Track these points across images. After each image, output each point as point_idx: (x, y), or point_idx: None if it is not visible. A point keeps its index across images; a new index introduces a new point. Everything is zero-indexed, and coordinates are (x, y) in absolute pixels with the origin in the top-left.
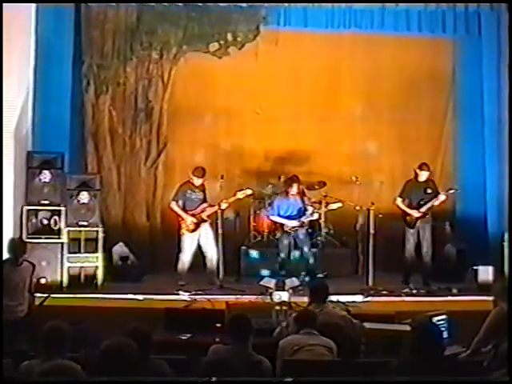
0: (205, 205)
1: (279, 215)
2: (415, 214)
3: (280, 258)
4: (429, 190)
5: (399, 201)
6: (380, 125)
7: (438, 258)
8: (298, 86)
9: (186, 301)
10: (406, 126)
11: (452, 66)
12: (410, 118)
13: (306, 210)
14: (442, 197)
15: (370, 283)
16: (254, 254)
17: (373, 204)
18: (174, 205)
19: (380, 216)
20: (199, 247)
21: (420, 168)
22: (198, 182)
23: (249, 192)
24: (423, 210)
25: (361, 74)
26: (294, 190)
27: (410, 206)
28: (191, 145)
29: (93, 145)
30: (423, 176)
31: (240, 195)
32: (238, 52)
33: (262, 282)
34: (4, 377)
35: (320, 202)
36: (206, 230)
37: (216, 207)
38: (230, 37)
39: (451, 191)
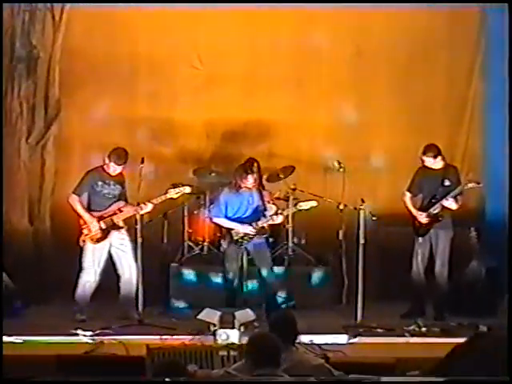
0: (121, 203)
1: (227, 217)
2: (422, 218)
3: (227, 280)
4: (447, 182)
5: (408, 197)
6: (375, 86)
7: (459, 280)
8: (255, 27)
9: (87, 344)
10: (414, 89)
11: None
12: (419, 77)
13: (265, 209)
14: (451, 204)
15: (359, 317)
16: (189, 275)
17: (363, 202)
18: (74, 200)
19: (374, 219)
20: (112, 264)
21: (424, 153)
22: (115, 170)
23: (187, 190)
24: (432, 211)
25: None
26: (250, 181)
27: (422, 206)
28: (97, 113)
29: None
30: (432, 163)
31: (173, 194)
32: None
33: (200, 316)
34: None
35: (287, 199)
36: (120, 240)
37: (136, 208)
38: None
39: (470, 185)
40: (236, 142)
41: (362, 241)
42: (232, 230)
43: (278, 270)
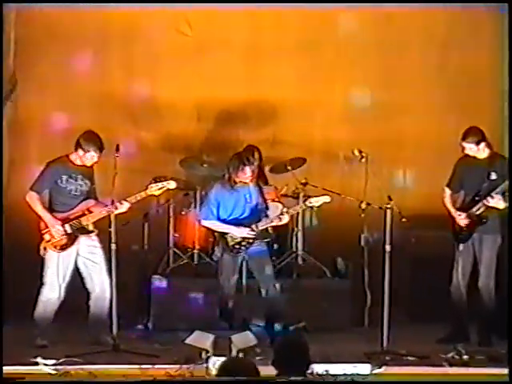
0: (90, 202)
1: (220, 219)
2: (461, 219)
3: (222, 296)
4: (493, 175)
5: (448, 194)
6: (405, 57)
7: (509, 296)
8: None
9: (49, 375)
10: (453, 63)
11: None
12: (459, 48)
13: (267, 208)
14: (498, 202)
15: (386, 342)
16: (175, 289)
17: (391, 199)
18: (33, 198)
19: (403, 221)
20: (80, 277)
21: (463, 138)
22: (88, 160)
23: (172, 185)
24: (475, 212)
25: None
26: (248, 173)
27: (463, 204)
28: (62, 89)
29: None
30: (475, 151)
31: (155, 190)
32: None
33: (189, 340)
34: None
35: (296, 196)
36: (90, 248)
37: (110, 208)
38: None
39: None
40: (233, 125)
41: (388, 248)
42: (227, 234)
43: (284, 283)
